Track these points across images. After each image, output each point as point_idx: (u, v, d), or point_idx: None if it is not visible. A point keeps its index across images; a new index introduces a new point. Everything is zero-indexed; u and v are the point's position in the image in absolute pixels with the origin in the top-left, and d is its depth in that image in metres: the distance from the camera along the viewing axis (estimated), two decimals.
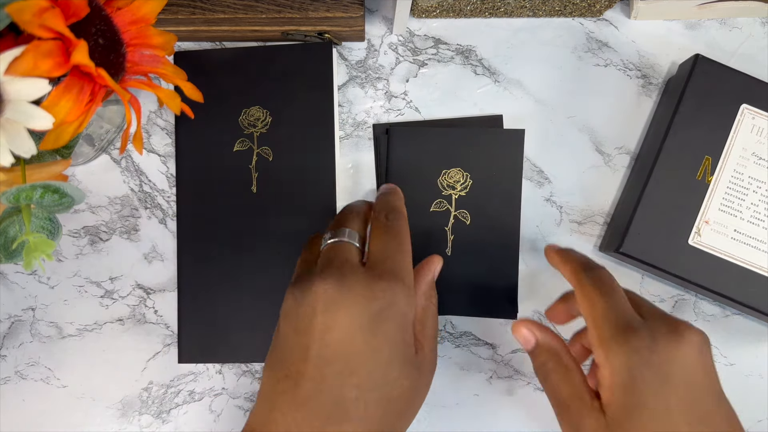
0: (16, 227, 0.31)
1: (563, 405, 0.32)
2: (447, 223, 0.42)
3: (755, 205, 0.42)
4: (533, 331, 0.35)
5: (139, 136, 0.34)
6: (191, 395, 0.45)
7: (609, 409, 0.30)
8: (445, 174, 0.42)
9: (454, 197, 0.42)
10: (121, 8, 0.31)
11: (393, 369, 0.30)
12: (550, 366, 0.33)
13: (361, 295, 0.30)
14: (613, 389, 0.30)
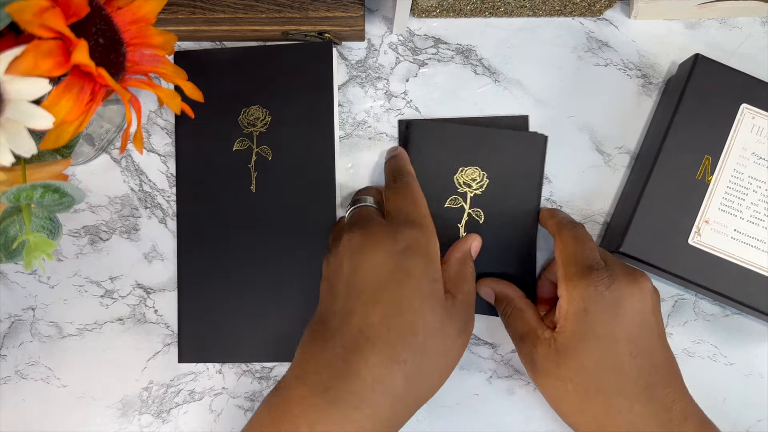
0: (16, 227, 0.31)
1: (519, 339, 0.36)
2: (460, 219, 0.42)
3: (755, 205, 0.42)
4: (491, 285, 0.39)
5: (139, 135, 0.34)
6: (191, 395, 0.45)
7: (560, 335, 0.33)
8: (461, 171, 0.42)
9: (470, 195, 0.42)
10: (121, 8, 0.31)
11: (416, 299, 0.31)
12: (508, 310, 0.37)
13: (384, 239, 0.33)
14: (567, 317, 0.33)
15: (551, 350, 0.33)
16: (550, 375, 0.33)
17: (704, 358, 0.45)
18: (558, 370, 0.32)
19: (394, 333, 0.30)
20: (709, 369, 0.45)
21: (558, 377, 0.32)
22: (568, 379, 0.32)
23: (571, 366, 0.32)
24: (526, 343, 0.35)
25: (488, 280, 0.40)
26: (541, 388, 0.35)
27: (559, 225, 0.38)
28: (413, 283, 0.31)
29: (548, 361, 0.33)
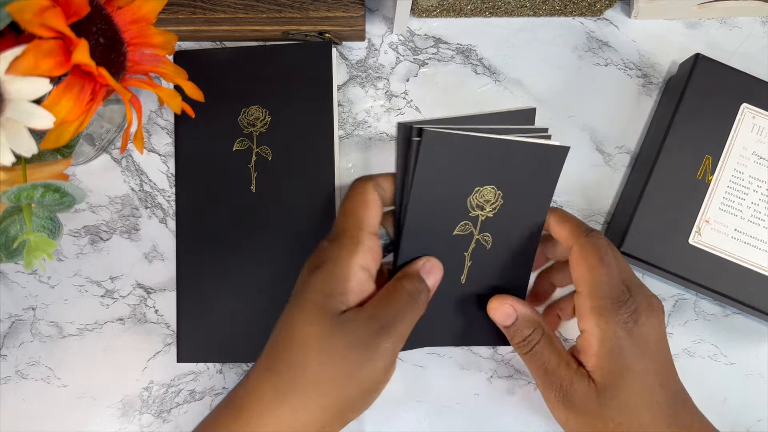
0: (16, 226, 0.31)
1: (551, 373, 0.33)
2: (467, 247, 0.36)
3: (756, 205, 0.42)
4: (514, 306, 0.35)
5: (139, 135, 0.34)
6: (192, 395, 0.45)
7: (598, 373, 0.32)
8: (477, 192, 0.35)
9: (481, 219, 0.36)
10: (121, 7, 0.31)
11: (302, 312, 0.32)
12: (534, 337, 0.34)
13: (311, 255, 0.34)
14: (601, 356, 0.32)
15: (591, 389, 0.32)
16: (591, 414, 0.32)
17: (704, 358, 0.45)
18: (600, 410, 0.31)
19: (275, 345, 0.31)
20: (709, 369, 0.45)
21: (600, 417, 0.31)
22: (610, 419, 0.31)
23: (613, 405, 0.31)
24: (560, 377, 0.33)
25: (508, 298, 0.35)
26: (575, 426, 0.33)
27: (575, 237, 0.34)
28: (304, 296, 0.32)
29: (589, 400, 0.32)
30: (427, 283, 0.34)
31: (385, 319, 0.31)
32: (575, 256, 0.34)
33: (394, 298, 0.32)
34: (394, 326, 0.31)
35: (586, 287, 0.33)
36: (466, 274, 0.37)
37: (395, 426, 0.44)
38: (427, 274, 0.34)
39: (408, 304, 0.32)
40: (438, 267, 0.35)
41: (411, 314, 0.32)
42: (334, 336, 0.30)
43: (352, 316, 0.31)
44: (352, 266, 0.32)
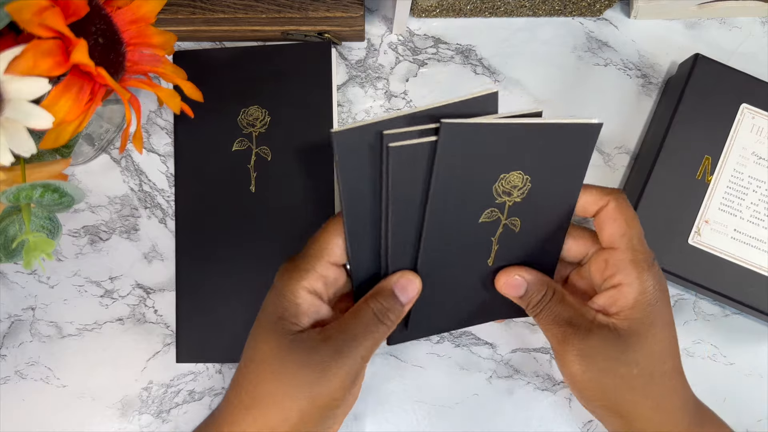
0: (15, 226, 0.31)
1: (567, 325, 0.33)
2: (495, 232, 0.35)
3: (755, 205, 0.42)
4: (521, 274, 0.35)
5: (139, 135, 0.34)
6: (191, 395, 0.45)
7: (626, 322, 0.32)
8: (503, 179, 0.33)
9: (508, 204, 0.34)
10: (121, 7, 0.31)
11: (257, 332, 0.33)
12: (548, 295, 0.34)
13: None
14: (636, 306, 0.32)
15: (614, 335, 0.32)
16: (613, 360, 0.32)
17: (704, 358, 0.45)
18: (623, 355, 0.32)
19: (242, 360, 0.33)
20: (708, 369, 0.45)
21: (623, 362, 0.32)
22: (634, 364, 0.32)
23: (639, 351, 0.32)
24: (576, 328, 0.33)
25: (515, 268, 0.35)
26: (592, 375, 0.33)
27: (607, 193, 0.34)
28: (261, 315, 0.33)
29: (611, 346, 0.32)
30: (399, 300, 0.33)
31: (342, 340, 0.31)
32: (612, 212, 0.34)
33: (357, 319, 0.32)
34: (350, 348, 0.31)
35: (625, 241, 0.33)
36: (494, 257, 0.36)
37: (395, 426, 0.44)
38: (401, 290, 0.33)
39: (371, 325, 0.32)
40: (414, 282, 0.34)
41: (374, 335, 0.32)
42: (287, 356, 0.31)
43: (306, 336, 0.31)
44: (299, 290, 0.32)
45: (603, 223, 0.34)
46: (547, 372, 0.45)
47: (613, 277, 0.33)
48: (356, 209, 0.33)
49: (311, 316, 0.32)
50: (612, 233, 0.33)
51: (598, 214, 0.34)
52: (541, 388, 0.45)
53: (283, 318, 0.32)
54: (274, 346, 0.31)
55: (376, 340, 0.32)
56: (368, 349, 0.32)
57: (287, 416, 0.31)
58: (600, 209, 0.34)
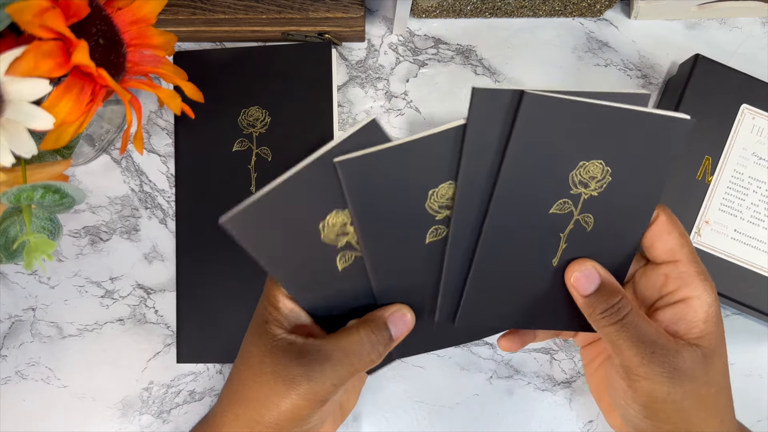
0: (16, 227, 0.31)
1: (654, 344, 0.31)
2: (564, 228, 0.32)
3: (755, 205, 0.42)
4: (597, 269, 0.32)
5: (139, 136, 0.34)
6: (192, 395, 0.45)
7: (705, 339, 0.31)
8: (582, 167, 0.30)
9: (583, 197, 0.31)
10: (121, 8, 0.31)
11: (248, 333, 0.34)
12: (624, 306, 0.31)
13: None
14: (709, 320, 0.31)
15: (699, 354, 0.31)
16: (699, 381, 0.31)
17: None
18: (707, 375, 0.31)
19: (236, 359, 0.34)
20: None
21: (706, 382, 0.31)
22: (714, 383, 0.31)
23: (717, 369, 0.31)
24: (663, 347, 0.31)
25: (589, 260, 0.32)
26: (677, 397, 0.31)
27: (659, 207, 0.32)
28: (252, 321, 0.34)
29: (698, 366, 0.31)
30: (390, 333, 0.32)
31: (314, 363, 0.31)
32: (666, 225, 0.32)
33: (338, 344, 0.31)
34: (319, 372, 0.30)
35: (685, 254, 0.32)
36: (559, 256, 0.33)
37: (395, 426, 0.44)
38: (393, 324, 0.32)
39: (350, 355, 0.31)
40: (407, 320, 0.33)
41: (349, 367, 0.31)
42: (265, 362, 0.31)
43: (286, 347, 0.31)
44: (278, 295, 0.33)
45: (657, 237, 0.32)
46: (547, 372, 0.45)
47: (678, 291, 0.32)
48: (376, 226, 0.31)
49: (290, 320, 0.33)
50: (672, 247, 0.32)
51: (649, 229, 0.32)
52: (541, 389, 0.45)
53: (267, 322, 0.33)
54: (258, 351, 0.32)
55: (353, 370, 0.31)
56: (341, 378, 0.31)
57: (260, 419, 0.32)
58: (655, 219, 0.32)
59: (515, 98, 0.29)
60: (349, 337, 0.31)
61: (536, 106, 0.29)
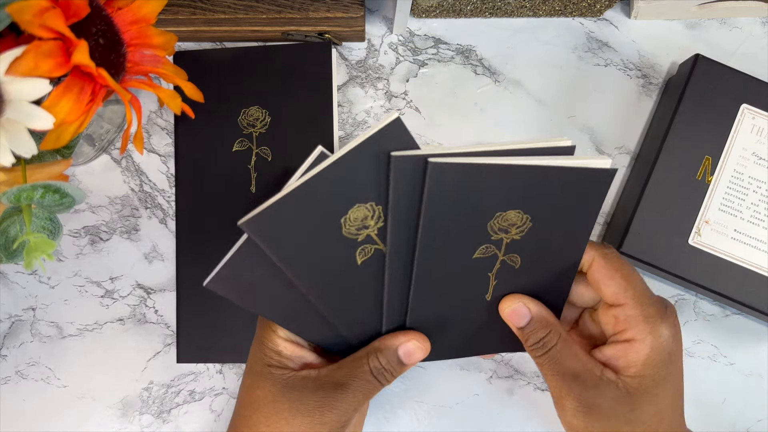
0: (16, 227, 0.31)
1: (573, 378, 0.31)
2: (492, 268, 0.33)
3: (755, 205, 0.42)
4: (528, 304, 0.33)
5: (139, 136, 0.34)
6: (192, 395, 0.45)
7: (635, 380, 0.31)
8: (499, 217, 0.31)
9: (506, 242, 0.32)
10: (121, 8, 0.31)
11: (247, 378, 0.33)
12: (551, 339, 0.32)
13: None
14: (649, 363, 0.31)
15: (621, 393, 0.31)
16: (619, 418, 0.31)
17: (704, 358, 0.45)
18: (630, 413, 0.31)
19: (237, 404, 0.34)
20: (709, 369, 0.45)
21: (628, 421, 0.31)
22: (640, 422, 0.31)
23: (646, 410, 0.31)
24: (584, 383, 0.31)
25: (520, 296, 0.33)
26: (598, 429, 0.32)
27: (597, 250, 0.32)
28: (250, 363, 0.34)
29: (618, 404, 0.31)
30: (402, 361, 0.33)
31: (334, 391, 0.31)
32: (603, 268, 0.32)
33: (352, 371, 0.32)
34: (342, 400, 0.31)
35: (630, 296, 0.31)
36: (491, 292, 0.34)
37: (395, 426, 0.44)
38: (406, 355, 0.33)
39: (365, 382, 0.32)
40: (420, 350, 0.33)
41: (368, 391, 0.32)
42: (280, 401, 0.31)
43: (300, 383, 0.32)
44: (275, 339, 0.33)
45: (599, 282, 0.32)
46: None
47: (625, 332, 0.32)
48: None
49: (296, 361, 0.33)
50: (615, 291, 0.32)
51: (590, 271, 0.33)
52: (541, 388, 0.45)
53: (270, 365, 0.33)
54: (268, 392, 0.32)
55: (368, 395, 0.32)
56: (359, 402, 0.31)
57: None
58: (589, 265, 0.33)
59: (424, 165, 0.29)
60: (362, 366, 0.32)
61: (441, 173, 0.29)
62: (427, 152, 0.29)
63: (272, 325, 0.33)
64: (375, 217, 0.31)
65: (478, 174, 0.30)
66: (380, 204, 0.31)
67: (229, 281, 0.32)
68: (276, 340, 0.33)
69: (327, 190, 0.30)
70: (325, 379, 0.32)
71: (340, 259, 0.32)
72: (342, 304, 0.33)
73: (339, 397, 0.31)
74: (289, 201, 0.30)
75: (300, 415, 0.31)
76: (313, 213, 0.30)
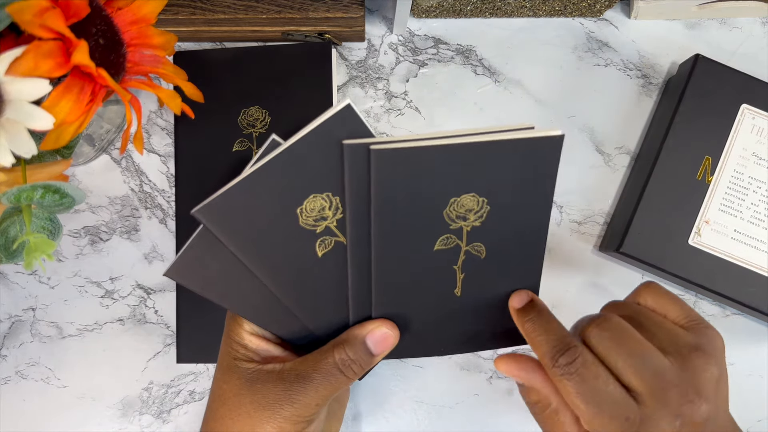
0: (16, 227, 0.31)
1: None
2: (456, 260, 0.32)
3: (755, 205, 0.42)
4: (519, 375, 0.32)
5: (139, 136, 0.34)
6: (191, 395, 0.45)
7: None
8: (453, 203, 0.30)
9: (466, 230, 0.31)
10: (121, 8, 0.31)
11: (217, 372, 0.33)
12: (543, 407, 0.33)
13: None
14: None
15: None
16: None
17: None
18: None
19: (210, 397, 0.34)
20: None
21: None
22: None
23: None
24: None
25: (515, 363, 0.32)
26: None
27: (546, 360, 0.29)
28: (219, 357, 0.34)
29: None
30: (371, 351, 0.32)
31: (297, 384, 0.31)
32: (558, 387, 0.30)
33: (316, 365, 0.31)
34: (305, 393, 0.31)
35: (587, 424, 0.29)
36: (460, 286, 0.33)
37: (395, 426, 0.44)
38: (375, 343, 0.32)
39: (330, 375, 0.31)
40: (390, 337, 0.32)
41: (328, 386, 0.31)
42: (243, 395, 0.32)
43: (263, 376, 0.32)
44: (242, 333, 0.33)
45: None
46: None
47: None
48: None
49: (262, 354, 0.33)
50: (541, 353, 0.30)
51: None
52: None
53: (236, 359, 0.33)
54: (233, 385, 0.32)
55: (334, 389, 0.31)
56: (323, 397, 0.31)
57: None
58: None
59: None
60: (326, 359, 0.31)
61: (385, 159, 0.28)
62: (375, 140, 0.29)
63: (239, 318, 0.33)
64: (333, 208, 0.31)
65: (423, 157, 0.28)
66: (337, 195, 0.30)
67: (188, 271, 0.32)
68: (242, 333, 0.33)
69: (280, 179, 0.29)
70: (288, 373, 0.31)
71: (298, 250, 0.31)
72: (305, 297, 0.32)
73: (299, 390, 0.31)
74: (240, 189, 0.30)
75: (261, 409, 0.31)
76: (267, 202, 0.30)
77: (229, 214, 0.30)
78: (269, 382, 0.31)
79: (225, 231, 0.30)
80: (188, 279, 0.32)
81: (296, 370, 0.31)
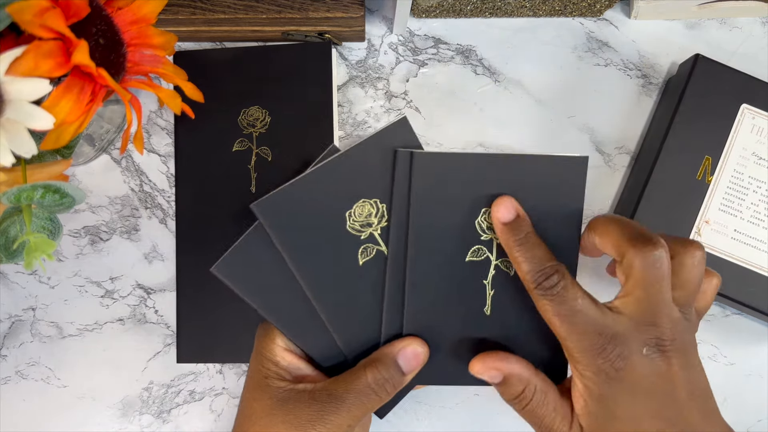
0: (16, 227, 0.31)
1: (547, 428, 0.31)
2: (486, 275, 0.32)
3: (755, 205, 0.42)
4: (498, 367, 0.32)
5: (139, 136, 0.34)
6: (192, 395, 0.45)
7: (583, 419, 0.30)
8: (485, 213, 0.32)
9: (496, 242, 0.32)
10: (121, 8, 0.31)
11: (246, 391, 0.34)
12: (527, 395, 0.32)
13: None
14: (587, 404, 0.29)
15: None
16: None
17: (704, 358, 0.45)
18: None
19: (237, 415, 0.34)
20: (709, 369, 0.45)
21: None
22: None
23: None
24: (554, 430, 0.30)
25: (490, 358, 0.31)
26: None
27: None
28: (249, 375, 0.34)
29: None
30: (402, 370, 0.32)
31: (330, 405, 0.31)
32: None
33: (349, 385, 0.31)
34: (337, 414, 0.31)
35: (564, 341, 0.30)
36: (490, 304, 0.33)
37: (395, 426, 0.44)
38: (405, 361, 0.32)
39: (363, 395, 0.31)
40: (420, 354, 0.32)
41: (365, 405, 0.31)
42: (275, 413, 0.31)
43: (296, 396, 0.31)
44: (275, 349, 0.33)
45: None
46: None
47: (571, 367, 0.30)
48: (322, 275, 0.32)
49: (293, 372, 0.33)
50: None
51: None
52: None
53: (267, 377, 0.32)
54: (265, 404, 0.32)
55: (366, 410, 0.31)
56: (355, 417, 0.31)
57: None
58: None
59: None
60: (359, 379, 0.31)
61: (423, 163, 0.31)
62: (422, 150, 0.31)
63: (271, 334, 0.33)
64: (378, 215, 0.32)
65: (459, 164, 0.31)
66: (384, 202, 0.32)
67: (235, 268, 0.32)
68: (275, 349, 0.33)
69: (335, 181, 0.32)
70: (320, 393, 0.31)
71: (341, 255, 0.32)
72: (340, 305, 0.33)
73: (332, 410, 0.31)
74: (297, 187, 0.32)
75: (293, 429, 0.31)
76: (321, 202, 0.32)
77: (283, 211, 0.32)
78: (301, 401, 0.31)
79: (277, 227, 0.32)
80: (233, 278, 0.33)
81: (328, 390, 0.31)
